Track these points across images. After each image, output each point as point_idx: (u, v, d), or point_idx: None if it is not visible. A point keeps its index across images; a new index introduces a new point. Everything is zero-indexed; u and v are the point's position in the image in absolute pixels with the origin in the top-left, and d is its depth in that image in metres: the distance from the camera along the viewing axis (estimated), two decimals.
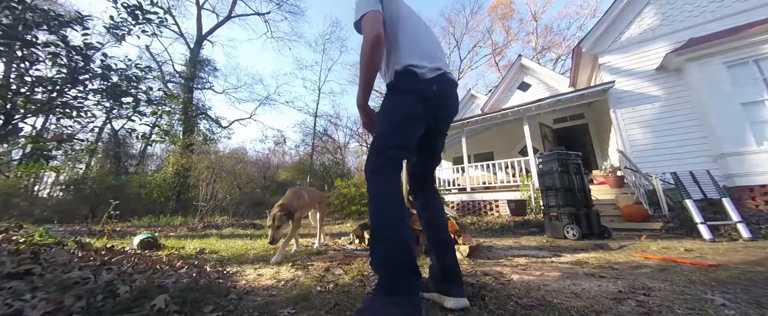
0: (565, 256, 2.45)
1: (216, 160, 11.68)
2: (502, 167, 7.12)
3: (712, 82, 4.80)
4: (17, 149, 4.75)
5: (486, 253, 2.67)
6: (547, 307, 1.27)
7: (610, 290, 1.49)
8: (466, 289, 1.54)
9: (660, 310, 1.22)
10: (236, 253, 3.02)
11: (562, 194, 3.71)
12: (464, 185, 7.67)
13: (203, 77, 16.92)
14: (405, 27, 1.20)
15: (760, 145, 4.33)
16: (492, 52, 24.09)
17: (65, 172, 11.68)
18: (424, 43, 1.21)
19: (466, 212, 7.24)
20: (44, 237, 2.46)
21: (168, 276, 1.59)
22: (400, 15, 1.22)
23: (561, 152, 3.90)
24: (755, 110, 4.49)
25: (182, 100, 13.64)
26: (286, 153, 25.02)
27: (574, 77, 7.96)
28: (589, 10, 20.62)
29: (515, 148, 9.78)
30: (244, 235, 5.06)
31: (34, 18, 2.19)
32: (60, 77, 2.33)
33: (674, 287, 1.51)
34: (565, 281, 1.68)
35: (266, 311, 1.34)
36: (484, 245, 3.13)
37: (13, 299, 1.00)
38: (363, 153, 24.92)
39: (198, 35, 16.21)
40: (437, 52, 1.24)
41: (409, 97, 1.09)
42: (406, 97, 1.09)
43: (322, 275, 1.97)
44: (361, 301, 1.39)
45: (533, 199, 5.78)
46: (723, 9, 5.34)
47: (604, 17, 6.30)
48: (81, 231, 4.70)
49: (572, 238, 3.39)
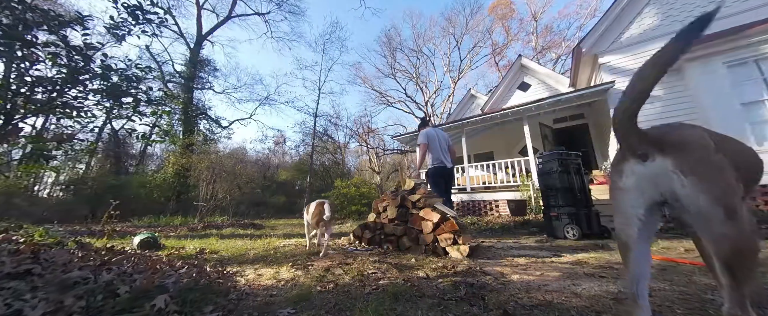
0: (565, 256, 2.45)
1: (216, 160, 11.68)
2: (502, 167, 7.12)
3: (712, 82, 4.80)
4: (17, 149, 4.75)
5: (486, 253, 2.67)
6: (547, 307, 1.27)
7: (610, 290, 1.49)
8: (466, 289, 1.54)
9: (660, 310, 1.22)
10: (236, 253, 3.02)
11: (562, 194, 3.70)
12: (464, 185, 7.67)
13: (203, 77, 16.91)
14: (433, 145, 3.82)
15: (760, 146, 4.33)
16: (492, 52, 24.06)
17: (65, 172, 11.68)
18: (436, 153, 3.81)
19: (466, 212, 7.24)
20: (44, 237, 2.46)
21: (168, 276, 1.59)
22: (430, 139, 3.82)
23: (561, 152, 3.90)
24: (755, 110, 4.49)
25: (182, 100, 13.63)
26: (286, 153, 25.04)
27: (574, 77, 7.95)
28: (589, 10, 20.59)
29: (515, 148, 9.78)
30: (244, 235, 5.05)
31: (34, 18, 2.18)
32: (60, 77, 2.32)
33: (674, 287, 1.51)
34: (565, 281, 1.68)
35: (266, 311, 1.34)
36: (484, 245, 3.13)
37: (13, 299, 1.00)
38: (363, 153, 24.94)
39: (198, 35, 16.19)
40: (442, 155, 3.79)
41: (435, 171, 3.79)
42: (433, 170, 3.81)
43: (322, 275, 1.97)
44: (361, 301, 1.39)
45: (533, 199, 5.78)
46: (723, 9, 5.34)
47: (604, 17, 6.30)
48: (81, 231, 4.70)
49: (572, 238, 3.39)
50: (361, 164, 25.81)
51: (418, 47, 24.06)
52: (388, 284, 1.69)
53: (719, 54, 4.78)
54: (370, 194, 10.07)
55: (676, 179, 0.78)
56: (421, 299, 1.42)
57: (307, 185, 17.49)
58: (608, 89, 5.87)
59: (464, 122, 8.03)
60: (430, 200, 2.93)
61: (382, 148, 22.04)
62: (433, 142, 3.82)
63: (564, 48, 21.02)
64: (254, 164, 18.91)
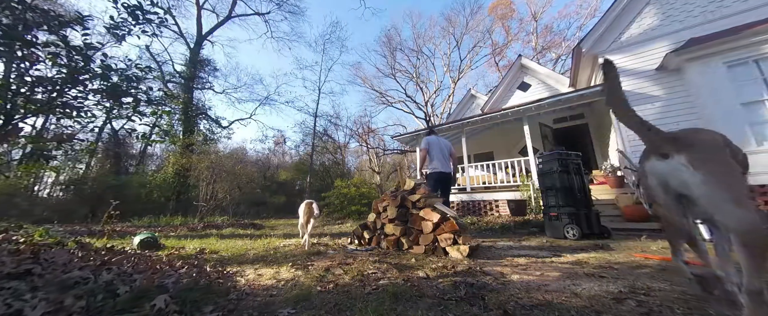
0: (565, 256, 2.45)
1: (216, 160, 11.67)
2: (502, 166, 7.12)
3: (712, 82, 4.80)
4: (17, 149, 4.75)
5: (486, 253, 2.67)
6: (547, 307, 1.27)
7: (610, 290, 1.49)
8: (466, 289, 1.54)
9: (660, 310, 1.22)
10: (236, 253, 3.02)
11: (562, 194, 3.70)
12: (464, 185, 7.67)
13: (203, 77, 16.90)
14: (432, 152, 4.11)
15: (760, 145, 4.32)
16: (492, 52, 24.04)
17: (65, 172, 11.68)
18: (436, 159, 4.09)
19: (466, 212, 7.24)
20: (44, 237, 2.47)
21: (168, 276, 1.59)
22: (431, 146, 4.13)
23: (561, 152, 3.90)
24: (755, 110, 4.49)
25: (182, 100, 13.62)
26: (286, 153, 25.03)
27: (574, 77, 7.95)
28: (589, 10, 20.57)
29: (515, 148, 9.78)
30: (244, 235, 5.05)
31: (34, 18, 2.18)
32: (60, 77, 2.32)
33: (674, 287, 1.51)
34: (565, 281, 1.68)
35: (266, 311, 1.34)
36: (484, 245, 3.13)
37: (13, 299, 1.00)
38: (363, 153, 24.93)
39: (198, 35, 16.19)
40: (441, 161, 4.08)
41: (433, 175, 4.04)
42: (432, 175, 4.06)
43: (322, 275, 1.97)
44: (361, 301, 1.39)
45: (533, 199, 5.78)
46: (723, 9, 5.33)
47: (604, 17, 6.30)
48: (81, 231, 4.70)
49: (572, 238, 3.39)
50: (361, 164, 25.81)
51: (418, 47, 24.07)
52: (388, 284, 1.69)
53: (719, 54, 4.77)
54: (370, 194, 10.07)
55: (686, 171, 0.95)
56: (421, 299, 1.42)
57: (307, 184, 17.50)
58: None
59: (464, 122, 8.02)
60: (430, 200, 2.93)
61: (382, 148, 22.04)
62: (434, 149, 4.12)
63: (564, 48, 21.02)
64: (254, 164, 18.89)
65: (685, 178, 0.95)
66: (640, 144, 5.85)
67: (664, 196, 1.05)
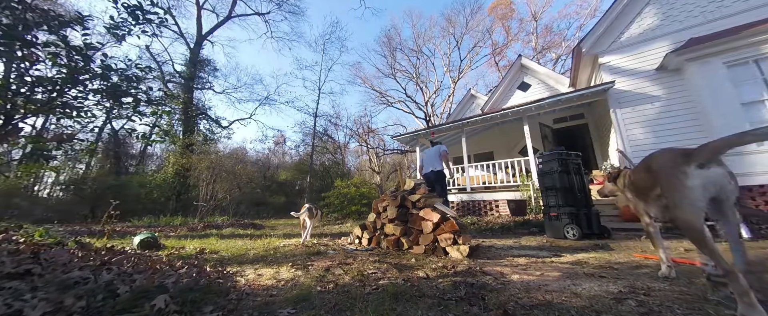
0: (565, 256, 2.45)
1: (216, 160, 11.67)
2: (502, 167, 7.12)
3: (712, 82, 4.80)
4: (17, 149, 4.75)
5: (486, 253, 2.67)
6: (547, 307, 1.27)
7: (610, 289, 1.49)
8: (466, 289, 1.54)
9: (660, 310, 1.22)
10: (236, 253, 3.02)
11: (562, 194, 3.70)
12: (464, 185, 7.67)
13: (203, 77, 16.90)
14: (424, 165, 4.97)
15: (760, 145, 4.33)
16: (492, 52, 24.02)
17: (65, 172, 11.68)
18: (428, 163, 4.86)
19: (466, 212, 7.24)
20: (44, 237, 2.47)
21: (168, 276, 1.59)
22: (424, 161, 5.05)
23: (561, 152, 3.90)
24: (755, 110, 4.49)
25: (182, 100, 13.62)
26: (286, 153, 25.01)
27: (574, 77, 7.95)
28: (589, 10, 20.54)
29: (515, 148, 9.77)
30: (244, 235, 5.06)
31: (34, 18, 2.18)
32: (60, 77, 2.32)
33: (674, 287, 1.51)
34: (565, 281, 1.68)
35: (266, 311, 1.34)
36: (484, 245, 3.13)
37: (13, 299, 1.00)
38: (363, 153, 24.92)
39: (198, 35, 16.19)
40: (433, 163, 4.76)
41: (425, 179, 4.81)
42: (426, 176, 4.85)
43: (322, 275, 1.97)
44: (361, 301, 1.39)
45: (533, 199, 5.77)
46: (723, 9, 5.33)
47: (604, 17, 6.30)
48: (81, 231, 4.70)
49: (572, 238, 3.39)
50: (361, 164, 25.79)
51: (418, 47, 24.05)
52: (388, 284, 1.69)
53: (719, 54, 4.77)
54: (370, 194, 10.07)
55: (726, 180, 1.21)
56: (421, 299, 1.42)
57: (307, 184, 17.49)
58: (608, 89, 5.86)
59: (464, 122, 8.02)
60: (430, 200, 2.93)
61: (382, 148, 22.04)
62: (425, 162, 4.99)
63: (564, 48, 21.01)
64: (254, 164, 18.89)
65: (725, 184, 1.21)
66: (640, 144, 5.82)
67: (702, 201, 1.22)
